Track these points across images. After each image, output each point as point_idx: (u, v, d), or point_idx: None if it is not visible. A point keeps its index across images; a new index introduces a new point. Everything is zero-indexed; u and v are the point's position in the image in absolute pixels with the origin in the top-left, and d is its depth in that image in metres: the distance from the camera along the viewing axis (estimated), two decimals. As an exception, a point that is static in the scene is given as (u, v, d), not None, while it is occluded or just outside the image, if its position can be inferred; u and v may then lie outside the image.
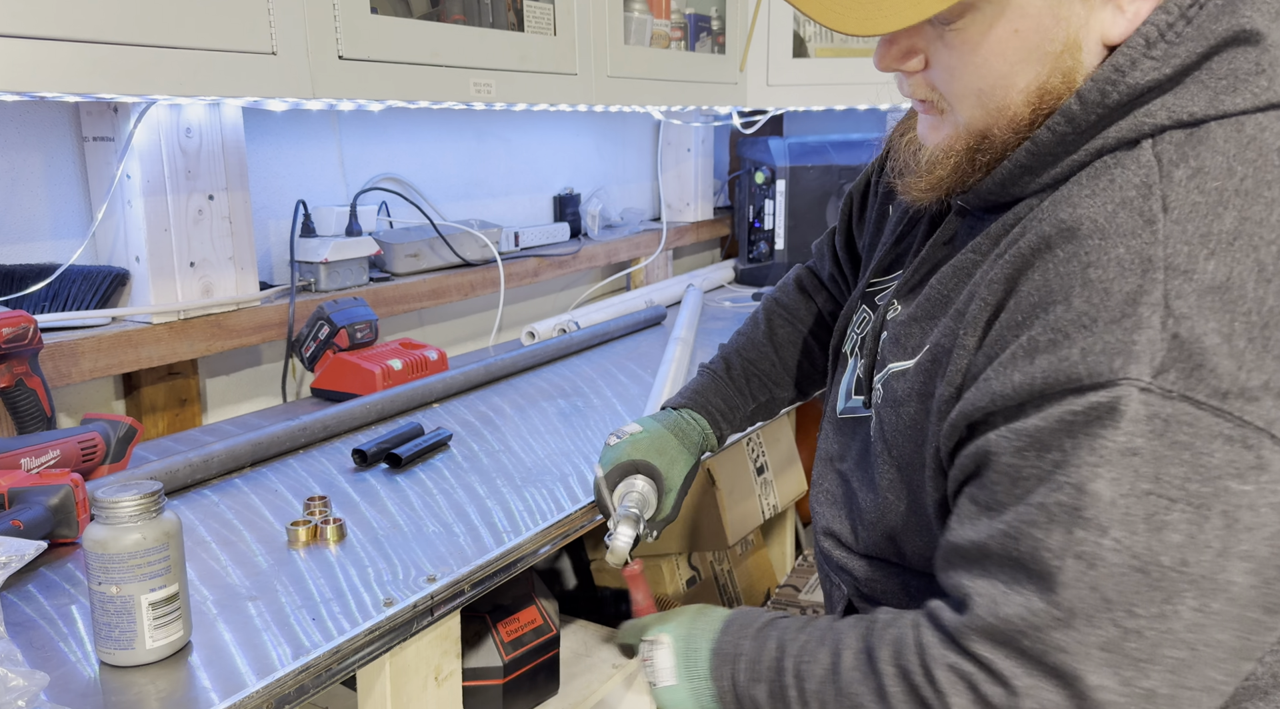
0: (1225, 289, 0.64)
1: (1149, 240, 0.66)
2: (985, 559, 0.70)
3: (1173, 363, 0.63)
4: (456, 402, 1.59)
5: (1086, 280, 0.67)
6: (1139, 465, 0.63)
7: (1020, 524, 0.67)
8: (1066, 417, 0.66)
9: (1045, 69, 0.73)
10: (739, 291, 2.57)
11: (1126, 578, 0.64)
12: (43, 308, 1.34)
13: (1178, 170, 0.68)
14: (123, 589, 0.79)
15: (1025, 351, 0.69)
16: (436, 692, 1.00)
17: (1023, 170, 0.76)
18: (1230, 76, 0.69)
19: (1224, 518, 0.63)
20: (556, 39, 1.66)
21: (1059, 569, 0.65)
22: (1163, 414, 0.63)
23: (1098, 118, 0.71)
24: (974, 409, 0.72)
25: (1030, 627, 0.66)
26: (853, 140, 2.57)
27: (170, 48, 1.08)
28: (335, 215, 1.69)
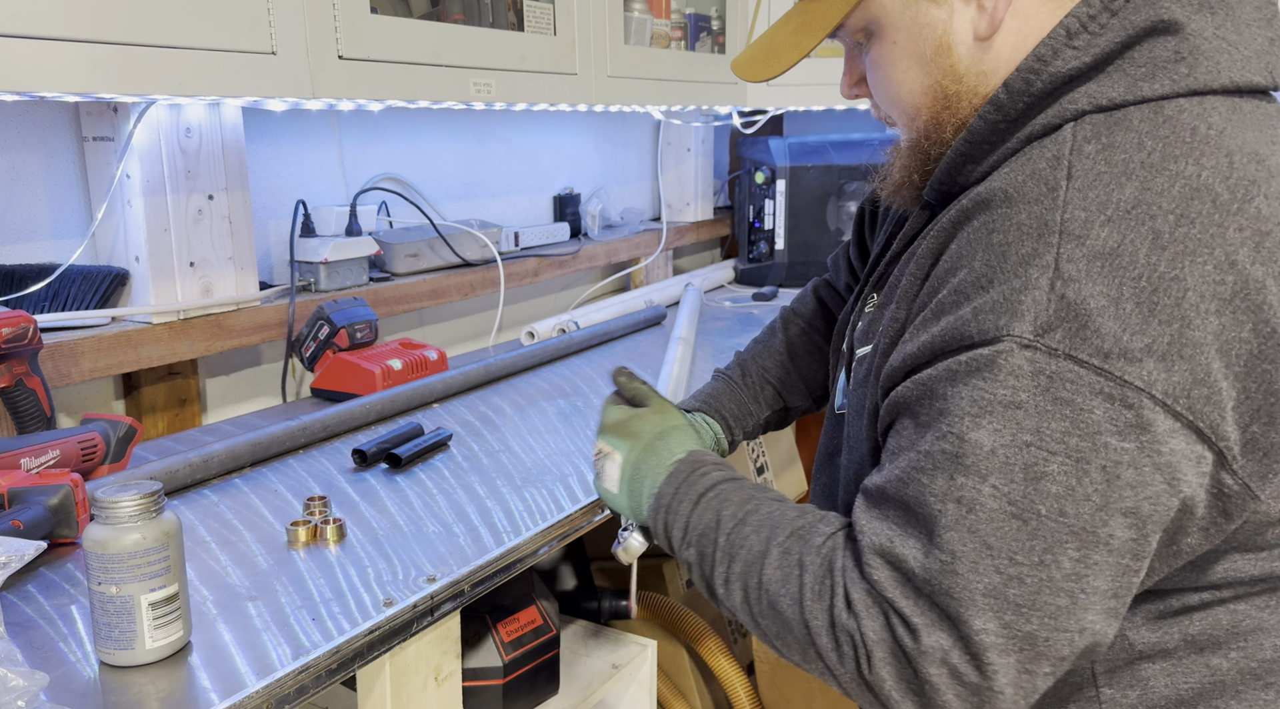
0: (1116, 255, 0.66)
1: (1049, 206, 0.69)
2: (883, 502, 0.73)
3: (1059, 322, 0.66)
4: (456, 402, 1.59)
5: (989, 245, 0.71)
6: (1021, 418, 0.66)
7: (910, 469, 0.71)
8: (953, 367, 0.70)
9: (928, 71, 0.81)
10: (739, 291, 2.57)
11: (1005, 525, 0.66)
12: (43, 308, 1.34)
13: (1089, 145, 0.71)
14: (122, 589, 0.79)
15: (933, 314, 0.73)
16: (436, 692, 0.99)
17: (964, 158, 0.80)
18: (1149, 64, 0.72)
19: (1103, 473, 0.65)
20: (556, 39, 1.66)
21: (940, 512, 0.68)
22: (1047, 371, 0.66)
23: (1025, 105, 0.75)
24: (892, 371, 0.76)
25: (920, 567, 0.69)
26: (853, 140, 2.57)
27: (170, 48, 1.08)
28: (335, 215, 1.69)
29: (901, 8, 0.81)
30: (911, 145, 0.86)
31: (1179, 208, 0.67)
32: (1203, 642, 0.77)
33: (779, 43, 0.89)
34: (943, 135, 0.83)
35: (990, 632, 0.66)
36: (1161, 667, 0.78)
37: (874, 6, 0.82)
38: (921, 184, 0.87)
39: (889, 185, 0.91)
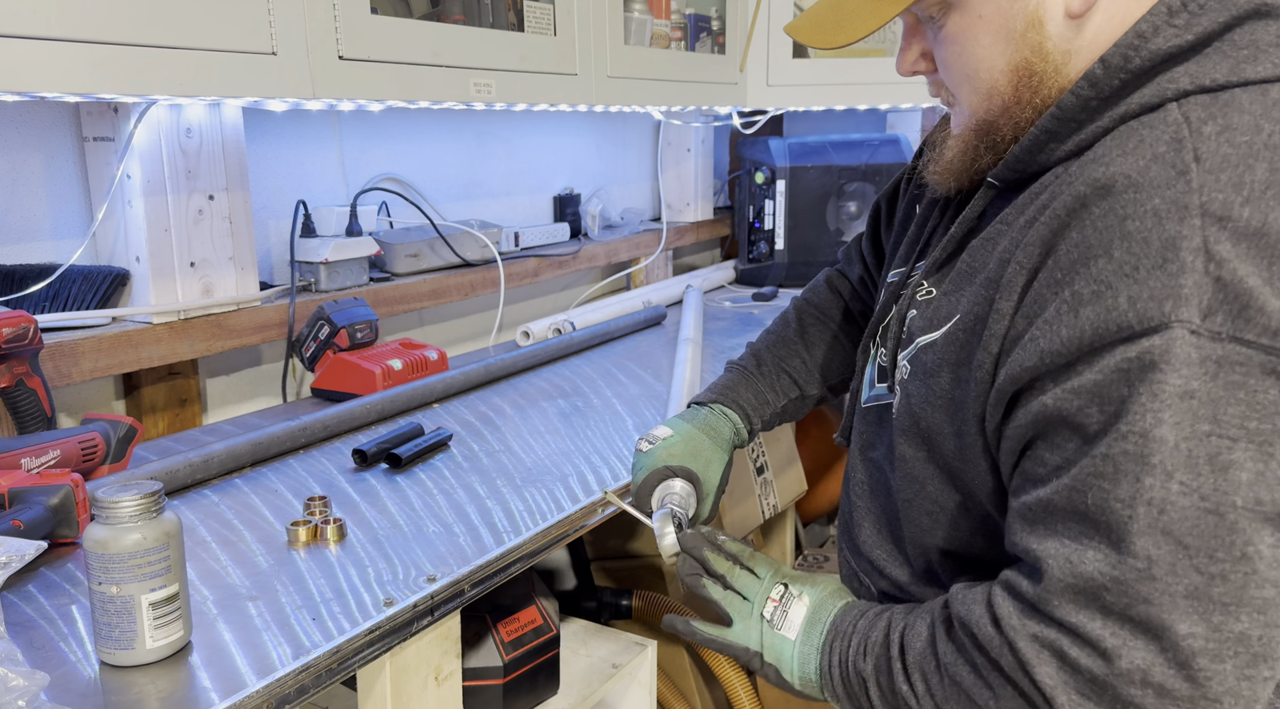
0: (1262, 234, 0.65)
1: (1184, 190, 0.67)
2: (1051, 518, 0.70)
3: (1219, 305, 0.64)
4: (456, 402, 1.59)
5: (1125, 232, 0.68)
6: (1196, 408, 0.64)
7: (1085, 476, 0.67)
8: (1122, 365, 0.66)
9: (1016, 47, 0.78)
10: (739, 292, 2.57)
11: (1200, 521, 0.64)
12: (43, 308, 1.34)
13: (1206, 127, 0.69)
14: (123, 589, 0.79)
15: (1070, 307, 0.69)
16: (436, 692, 1.00)
17: (1048, 136, 0.78)
18: (1251, 47, 0.71)
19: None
20: (556, 39, 1.66)
21: (1130, 518, 0.65)
22: (1214, 356, 0.64)
23: (1120, 83, 0.73)
24: (1022, 371, 0.72)
25: (1111, 581, 0.65)
26: (853, 140, 2.57)
27: (170, 48, 1.08)
28: (335, 215, 1.69)
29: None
30: (981, 125, 0.83)
31: None
32: None
33: (851, 9, 0.84)
34: (1021, 115, 0.80)
35: (1198, 636, 0.64)
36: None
37: None
38: (986, 166, 0.85)
39: (940, 166, 0.88)
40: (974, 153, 0.85)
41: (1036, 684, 0.69)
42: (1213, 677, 0.64)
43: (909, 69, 0.89)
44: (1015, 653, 0.70)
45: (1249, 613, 0.64)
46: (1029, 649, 0.69)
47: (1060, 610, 0.68)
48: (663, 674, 1.73)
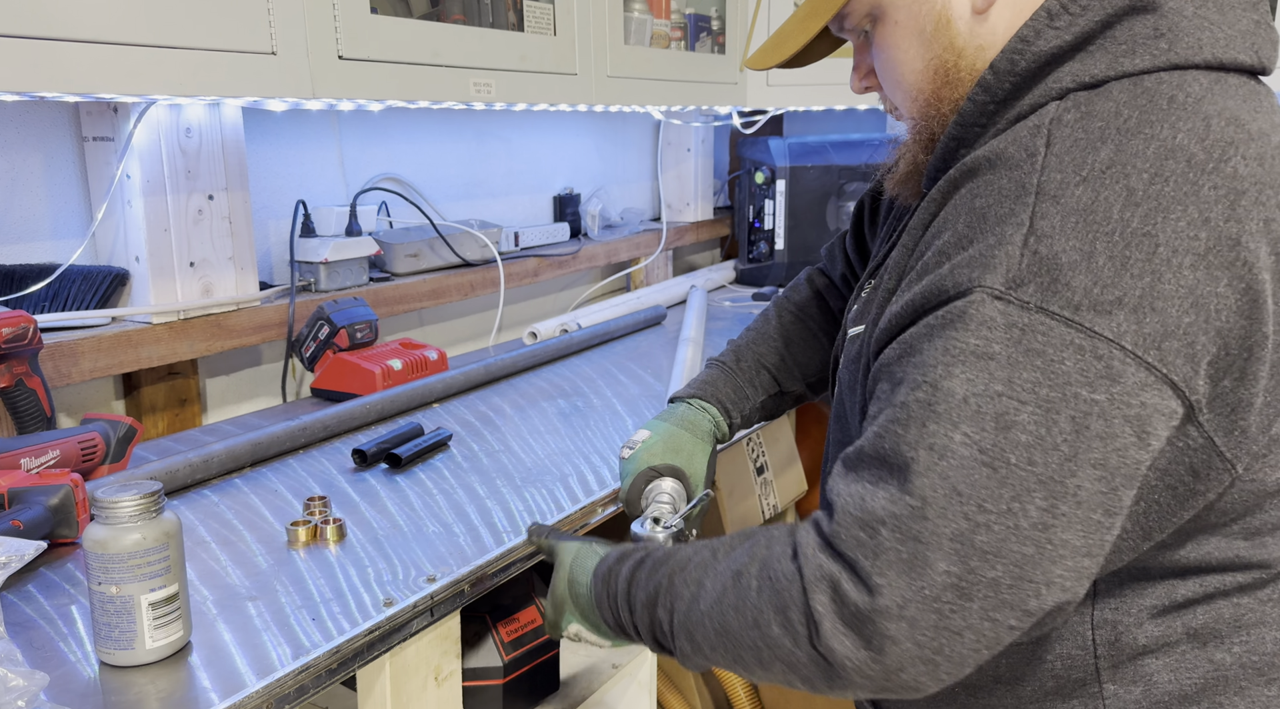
0: (1090, 211, 0.67)
1: (1029, 170, 0.71)
2: (859, 464, 0.73)
3: (1031, 277, 0.67)
4: (456, 402, 1.59)
5: (971, 208, 0.73)
6: (994, 369, 0.67)
7: (886, 423, 0.71)
8: (931, 321, 0.71)
9: (929, 47, 0.83)
10: (739, 292, 2.57)
11: (975, 472, 0.66)
12: (43, 308, 1.34)
13: (1068, 114, 0.73)
14: (123, 589, 0.79)
15: (917, 275, 0.75)
16: (436, 692, 0.99)
17: (956, 142, 0.82)
18: (1129, 41, 0.74)
19: (1072, 423, 0.66)
20: (556, 39, 1.66)
21: (913, 460, 0.68)
22: (1020, 324, 0.67)
23: (1011, 85, 0.78)
24: (881, 333, 0.77)
25: (890, 516, 0.68)
26: (853, 140, 2.57)
27: (170, 48, 1.08)
28: (335, 215, 1.69)
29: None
30: (916, 129, 0.87)
31: (1153, 167, 0.68)
32: (1205, 635, 0.77)
33: (786, 31, 0.90)
34: (942, 111, 0.84)
35: (953, 574, 0.66)
36: (1165, 662, 0.78)
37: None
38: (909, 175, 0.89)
39: (896, 176, 0.92)
40: (915, 157, 0.89)
41: (810, 608, 0.71)
42: (957, 611, 0.66)
43: (860, 86, 0.94)
44: (802, 578, 0.72)
45: (1005, 564, 0.66)
46: (812, 576, 0.71)
47: (844, 544, 0.70)
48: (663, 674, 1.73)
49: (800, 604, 0.72)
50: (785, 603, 0.73)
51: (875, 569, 0.68)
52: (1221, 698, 0.77)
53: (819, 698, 1.75)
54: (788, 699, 1.78)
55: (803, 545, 0.74)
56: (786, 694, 1.77)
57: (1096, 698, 0.79)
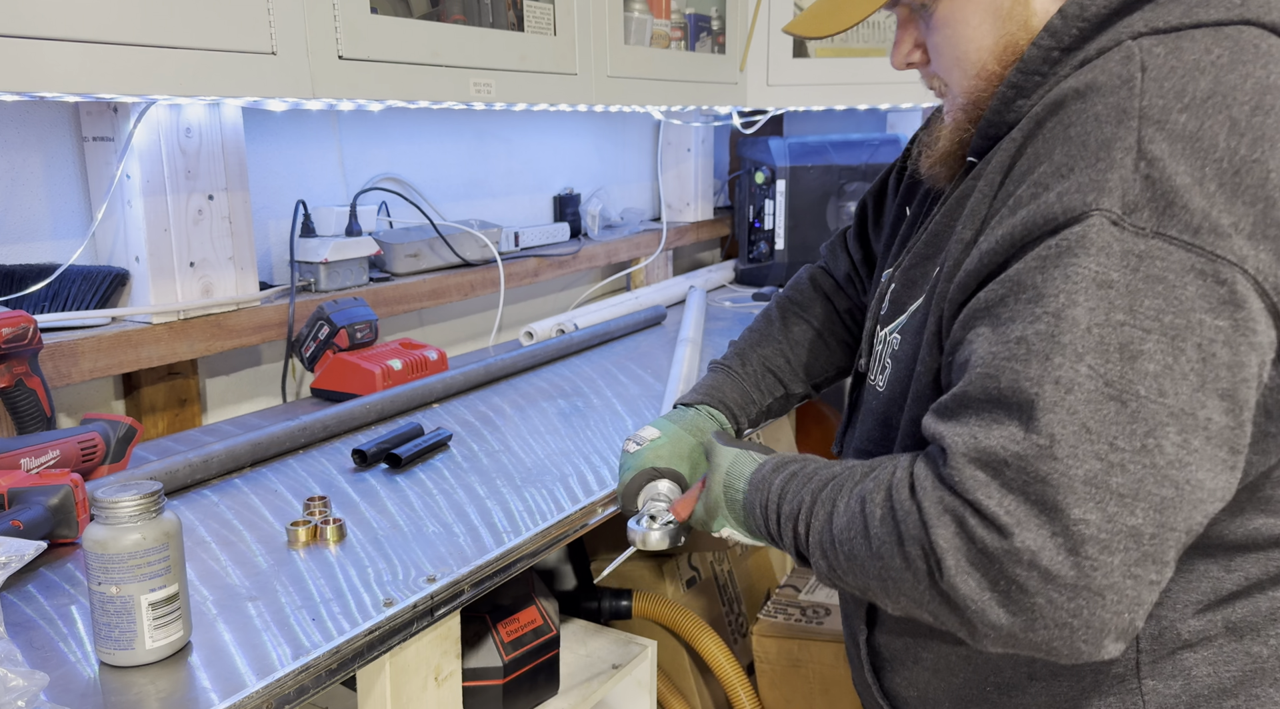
0: (1197, 138, 0.66)
1: (1126, 95, 0.69)
2: (965, 406, 0.70)
3: (1145, 202, 0.65)
4: (456, 402, 1.59)
5: (1067, 138, 0.70)
6: (1114, 297, 0.65)
7: (1000, 362, 0.68)
8: (1043, 252, 0.68)
9: (1003, 26, 0.81)
10: (739, 292, 2.57)
11: (1104, 407, 0.64)
12: (43, 308, 1.34)
13: (1157, 48, 0.71)
14: (122, 589, 0.79)
15: (1010, 210, 0.72)
16: (436, 692, 0.99)
17: (1015, 91, 0.79)
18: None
19: (1199, 351, 0.64)
20: (556, 39, 1.66)
21: (1037, 396, 0.65)
22: (1137, 250, 0.65)
23: (1079, 31, 0.76)
24: (966, 277, 0.74)
25: (1013, 457, 0.65)
26: (853, 140, 2.57)
27: (170, 48, 1.08)
28: (335, 215, 1.69)
29: None
30: (969, 105, 0.85)
31: (1253, 100, 0.67)
32: (1243, 629, 0.76)
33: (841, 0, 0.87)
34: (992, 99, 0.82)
35: (1091, 523, 0.63)
36: (1203, 655, 0.77)
37: None
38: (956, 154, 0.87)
39: (936, 154, 0.90)
40: (962, 131, 0.86)
41: (933, 543, 0.68)
42: (1099, 567, 0.63)
43: (903, 61, 0.91)
44: (921, 512, 0.69)
45: (1144, 508, 0.63)
46: (933, 510, 0.69)
47: (964, 484, 0.67)
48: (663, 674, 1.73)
49: (920, 538, 0.69)
50: (904, 535, 0.70)
51: (1004, 509, 0.65)
52: (1258, 689, 0.77)
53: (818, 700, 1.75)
54: (788, 701, 1.78)
55: (920, 478, 0.71)
56: (787, 695, 1.77)
57: (1135, 694, 0.77)
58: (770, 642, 1.76)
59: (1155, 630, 0.77)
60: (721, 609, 1.90)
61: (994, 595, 0.65)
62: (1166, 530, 0.63)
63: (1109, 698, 0.79)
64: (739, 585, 2.00)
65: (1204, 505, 0.64)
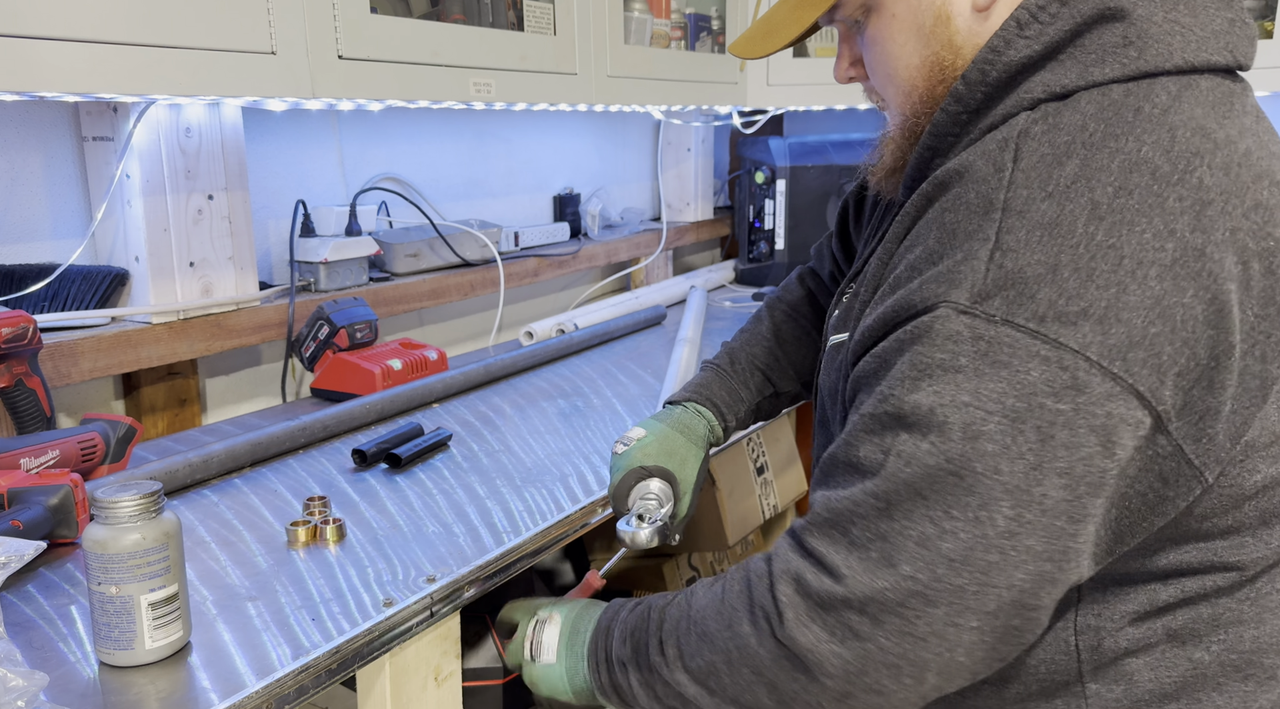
0: (1055, 225, 0.68)
1: (995, 186, 0.72)
2: (833, 470, 0.76)
3: (997, 290, 0.68)
4: (456, 402, 1.59)
5: (942, 223, 0.74)
6: (960, 381, 0.68)
7: (856, 431, 0.74)
8: (900, 336, 0.73)
9: (927, 43, 0.82)
10: (739, 291, 2.57)
11: (942, 480, 0.68)
12: (42, 308, 1.34)
13: (1035, 127, 0.74)
14: (122, 589, 0.79)
15: (890, 289, 0.77)
16: (436, 692, 0.99)
17: (930, 152, 0.82)
18: (1099, 50, 0.75)
19: (1038, 433, 0.67)
20: (556, 39, 1.66)
21: (881, 464, 0.71)
22: (986, 336, 0.68)
23: (983, 95, 0.78)
24: (857, 345, 0.79)
25: (856, 517, 0.71)
26: (853, 140, 2.57)
27: (170, 47, 1.08)
28: (335, 215, 1.69)
29: None
30: (904, 125, 0.87)
31: (1118, 181, 0.69)
32: (1184, 636, 0.78)
33: (778, 20, 0.90)
34: (922, 118, 0.84)
35: (919, 581, 0.68)
36: (1145, 661, 0.78)
37: None
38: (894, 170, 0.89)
39: (880, 171, 0.92)
40: (903, 152, 0.88)
41: (776, 600, 0.74)
42: (922, 617, 0.68)
43: (844, 76, 0.93)
44: (770, 574, 0.75)
45: (970, 571, 0.68)
46: (780, 570, 0.75)
47: (811, 540, 0.73)
48: (663, 674, 1.73)
49: (766, 597, 0.74)
50: (753, 600, 0.76)
51: (842, 561, 0.71)
52: (1200, 694, 0.78)
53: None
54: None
55: (776, 547, 0.77)
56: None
57: (1080, 697, 0.80)
58: (770, 642, 1.76)
59: (1093, 641, 0.78)
60: (721, 609, 1.90)
61: (831, 642, 0.71)
62: (987, 587, 0.68)
63: (1055, 701, 0.81)
64: (739, 585, 2.00)
65: (1030, 565, 0.68)
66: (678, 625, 0.82)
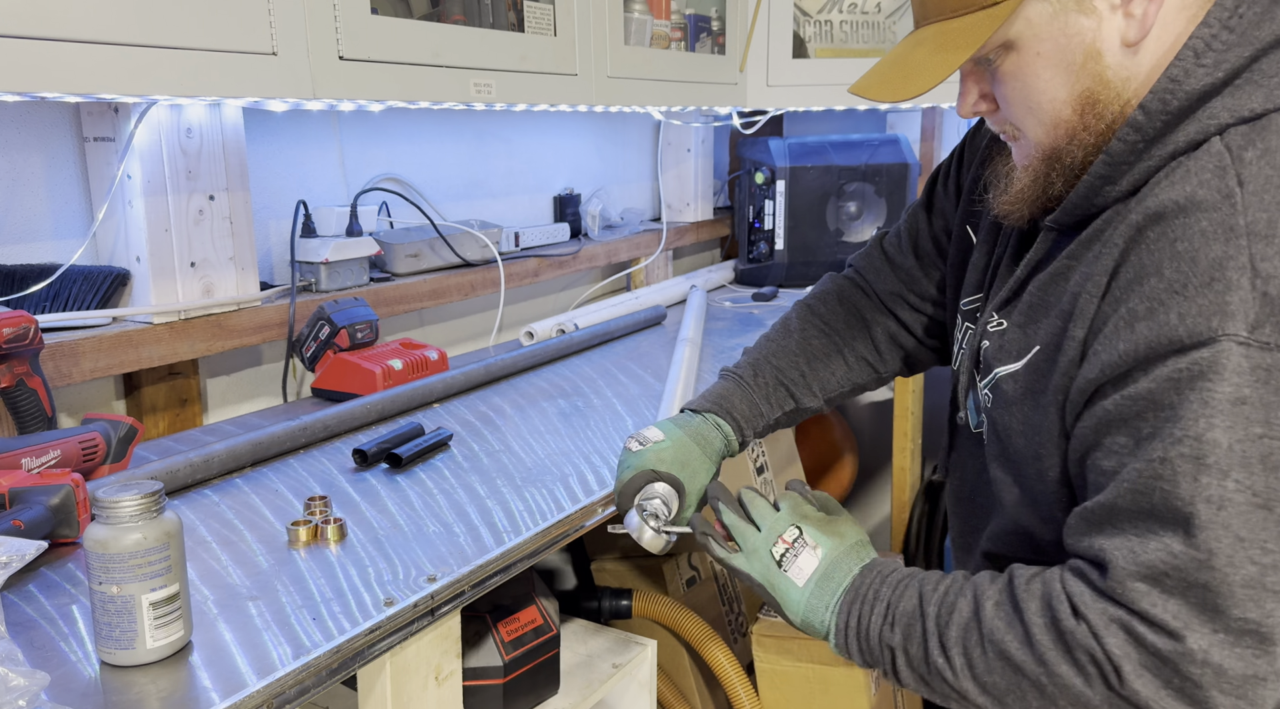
0: None
1: (1229, 212, 0.72)
2: (1116, 518, 0.75)
3: (1267, 318, 0.70)
4: (457, 402, 1.59)
5: (1175, 253, 0.74)
6: (1249, 412, 0.69)
7: (1147, 479, 0.73)
8: (1174, 374, 0.72)
9: (1077, 78, 0.83)
10: (739, 292, 2.57)
11: (1253, 515, 0.69)
12: (43, 308, 1.34)
13: (1247, 152, 0.75)
14: (123, 589, 0.79)
15: (1126, 322, 0.75)
16: (437, 691, 1.00)
17: (1102, 181, 0.83)
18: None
19: None
20: (557, 39, 1.66)
21: (1192, 514, 0.70)
22: (1264, 364, 0.69)
23: (1163, 124, 0.79)
24: (1087, 384, 0.78)
25: (1173, 569, 0.71)
26: (853, 140, 2.57)
27: (171, 48, 1.08)
28: (336, 215, 1.70)
29: (1049, 19, 0.82)
30: (1050, 153, 0.87)
31: None
32: None
33: (917, 63, 0.88)
34: (1089, 140, 0.85)
35: (1252, 621, 0.69)
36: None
37: (1019, 21, 0.83)
38: (1058, 192, 0.88)
39: (1011, 195, 0.92)
40: (1045, 180, 0.88)
41: (1107, 653, 0.73)
42: (1261, 656, 0.69)
43: (970, 111, 0.92)
44: (1089, 624, 0.74)
45: None
46: (1099, 621, 0.74)
47: (1128, 595, 0.73)
48: (663, 674, 1.73)
49: (1090, 648, 0.74)
50: (1071, 645, 0.75)
51: (1170, 614, 0.71)
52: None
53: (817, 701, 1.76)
54: (788, 701, 1.78)
55: (1077, 595, 0.76)
56: (787, 695, 1.78)
57: None
58: (770, 641, 1.76)
59: None
60: (721, 609, 1.90)
61: (1169, 693, 0.72)
62: None
63: None
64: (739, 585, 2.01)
65: None
66: (965, 636, 0.82)
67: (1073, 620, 0.75)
